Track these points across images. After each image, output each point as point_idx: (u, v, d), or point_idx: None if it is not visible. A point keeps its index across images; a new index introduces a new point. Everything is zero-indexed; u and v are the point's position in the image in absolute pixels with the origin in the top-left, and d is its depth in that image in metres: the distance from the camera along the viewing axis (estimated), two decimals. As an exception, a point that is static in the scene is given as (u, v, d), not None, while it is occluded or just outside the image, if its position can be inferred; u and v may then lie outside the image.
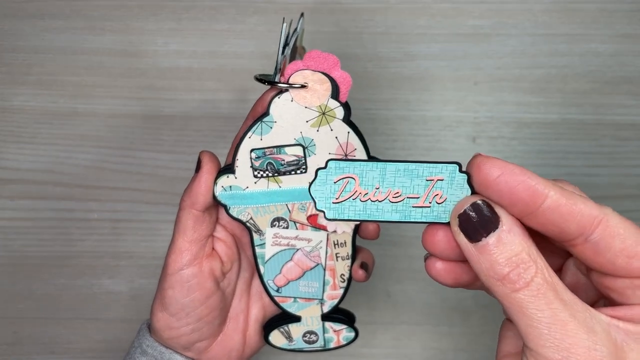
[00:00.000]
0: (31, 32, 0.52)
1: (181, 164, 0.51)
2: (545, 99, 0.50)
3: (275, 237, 0.34)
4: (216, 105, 0.51)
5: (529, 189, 0.20)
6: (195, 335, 0.34)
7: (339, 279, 0.35)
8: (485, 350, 0.49)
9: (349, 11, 0.51)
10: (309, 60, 0.30)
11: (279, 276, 0.35)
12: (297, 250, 0.34)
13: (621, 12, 0.51)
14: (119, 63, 0.52)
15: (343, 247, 0.34)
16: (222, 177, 0.32)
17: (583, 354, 0.19)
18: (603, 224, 0.20)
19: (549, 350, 0.19)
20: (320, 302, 0.36)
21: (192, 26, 0.52)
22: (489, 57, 0.51)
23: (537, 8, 0.51)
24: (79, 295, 0.50)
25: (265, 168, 0.32)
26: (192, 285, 0.33)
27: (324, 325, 0.36)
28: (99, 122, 0.51)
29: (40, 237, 0.51)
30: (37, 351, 0.50)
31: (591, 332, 0.19)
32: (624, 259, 0.20)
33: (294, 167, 0.32)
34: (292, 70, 0.30)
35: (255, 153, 0.31)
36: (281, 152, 0.31)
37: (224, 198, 0.32)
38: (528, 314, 0.19)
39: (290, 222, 0.33)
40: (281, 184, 0.32)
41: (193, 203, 0.32)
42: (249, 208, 0.33)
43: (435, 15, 0.51)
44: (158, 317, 0.34)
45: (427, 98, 0.50)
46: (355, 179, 0.24)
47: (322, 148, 0.31)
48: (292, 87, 0.30)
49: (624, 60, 0.50)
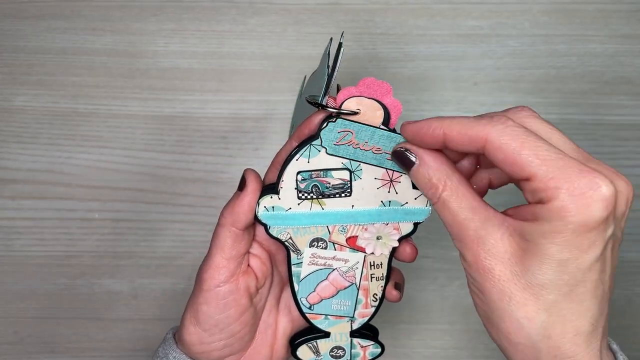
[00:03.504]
0: (32, 33, 0.52)
1: (182, 164, 0.51)
2: (545, 99, 0.50)
3: (312, 257, 0.34)
4: (217, 105, 0.51)
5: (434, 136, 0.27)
6: (226, 350, 0.34)
7: (372, 299, 0.35)
8: (486, 349, 0.49)
9: (349, 12, 0.52)
10: (362, 87, 0.31)
11: (313, 294, 0.35)
12: (333, 270, 0.34)
13: (620, 13, 0.51)
14: (119, 63, 0.52)
15: (379, 268, 0.34)
16: (266, 198, 0.32)
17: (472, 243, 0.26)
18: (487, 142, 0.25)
19: (456, 243, 0.27)
20: (350, 320, 0.36)
21: (192, 27, 0.52)
22: (489, 58, 0.51)
23: (536, 9, 0.51)
24: (79, 294, 0.51)
25: (310, 190, 0.32)
26: (229, 302, 0.33)
27: (352, 341, 0.37)
28: (100, 122, 0.51)
29: (41, 237, 0.51)
30: (38, 350, 0.50)
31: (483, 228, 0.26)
32: (507, 167, 0.25)
33: (339, 190, 0.32)
34: (344, 96, 0.30)
35: (301, 175, 0.32)
36: (327, 175, 0.32)
37: (265, 218, 0.32)
38: (443, 219, 0.28)
39: (329, 243, 0.33)
40: (324, 206, 0.32)
41: (234, 221, 0.32)
42: (289, 228, 0.33)
43: (435, 15, 0.51)
44: (190, 330, 0.34)
45: (427, 98, 0.51)
46: (352, 133, 0.31)
47: (368, 173, 0.32)
48: (343, 113, 0.30)
49: (623, 61, 0.51)
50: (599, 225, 0.24)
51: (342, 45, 0.31)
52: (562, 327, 0.25)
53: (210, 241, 0.33)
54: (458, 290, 0.50)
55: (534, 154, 0.24)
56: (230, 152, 0.51)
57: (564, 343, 0.26)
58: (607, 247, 0.25)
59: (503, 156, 0.25)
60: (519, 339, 0.26)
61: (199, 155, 0.51)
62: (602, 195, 0.23)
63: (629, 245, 0.49)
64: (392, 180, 0.32)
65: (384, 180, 0.32)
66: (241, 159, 0.51)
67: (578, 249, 0.24)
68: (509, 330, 0.26)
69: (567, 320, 0.25)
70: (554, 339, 0.26)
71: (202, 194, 0.51)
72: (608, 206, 0.24)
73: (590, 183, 0.23)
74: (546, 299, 0.25)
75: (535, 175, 0.24)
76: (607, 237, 0.24)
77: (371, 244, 0.33)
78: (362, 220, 0.33)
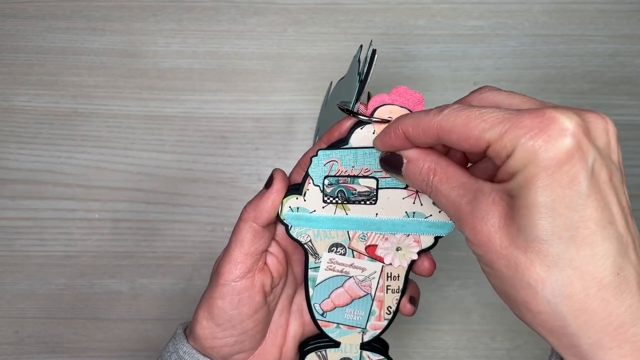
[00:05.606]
0: (32, 33, 0.52)
1: (182, 164, 0.51)
2: (545, 99, 0.50)
3: (330, 262, 0.34)
4: (217, 105, 0.51)
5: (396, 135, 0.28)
6: (237, 347, 0.34)
7: (385, 311, 0.35)
8: (486, 349, 0.49)
9: (349, 12, 0.52)
10: (395, 95, 0.31)
11: (327, 300, 0.35)
12: (349, 278, 0.34)
13: (620, 13, 0.51)
14: (119, 63, 0.52)
15: (395, 280, 0.34)
16: (291, 198, 0.32)
17: (468, 217, 0.26)
18: (439, 129, 0.26)
19: (457, 225, 0.27)
20: (362, 331, 0.36)
21: (192, 27, 0.52)
22: (489, 58, 0.51)
23: (536, 9, 0.51)
24: (79, 294, 0.51)
25: (335, 195, 0.32)
26: (243, 298, 0.33)
27: (362, 354, 0.36)
28: (100, 122, 0.51)
29: (41, 237, 0.51)
30: (38, 350, 0.50)
31: (475, 199, 0.26)
32: (464, 144, 0.25)
33: (364, 197, 0.32)
34: (376, 103, 0.31)
35: (328, 180, 0.32)
36: (354, 182, 0.32)
37: (289, 218, 0.33)
38: (440, 205, 0.28)
39: (348, 250, 0.33)
40: (348, 212, 0.32)
41: (256, 217, 0.32)
42: (310, 230, 0.33)
43: (435, 15, 0.51)
44: (203, 324, 0.34)
45: (427, 98, 0.51)
46: (337, 162, 0.31)
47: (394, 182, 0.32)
48: (374, 121, 0.30)
49: (623, 61, 0.51)
50: (572, 156, 0.23)
51: (376, 53, 0.31)
52: (582, 282, 0.23)
53: (230, 236, 0.33)
54: (458, 290, 0.50)
55: (481, 121, 0.24)
56: (230, 152, 0.51)
57: (590, 303, 0.23)
58: (597, 178, 0.23)
59: (456, 136, 0.25)
60: (538, 307, 0.24)
61: (199, 155, 0.51)
62: (561, 125, 0.23)
63: (629, 245, 0.49)
64: (417, 192, 0.32)
65: (410, 191, 0.32)
66: (241, 159, 0.51)
67: (560, 186, 0.23)
68: (526, 300, 0.24)
69: (584, 273, 0.23)
70: (575, 299, 0.23)
71: (202, 194, 0.51)
72: (574, 135, 0.23)
73: (545, 120, 0.23)
74: (550, 252, 0.23)
75: (491, 138, 0.24)
76: (588, 167, 0.23)
77: (390, 254, 0.33)
78: (385, 229, 0.33)
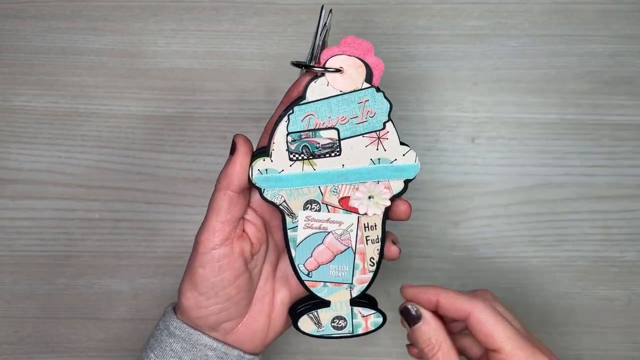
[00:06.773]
0: (32, 33, 0.52)
1: (182, 164, 0.51)
2: (544, 100, 0.50)
3: (307, 220, 0.34)
4: (217, 105, 0.51)
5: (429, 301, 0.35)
6: (223, 315, 0.35)
7: (369, 263, 0.36)
8: (485, 350, 0.49)
9: (349, 12, 0.52)
10: (344, 46, 0.31)
11: (310, 259, 0.35)
12: (328, 234, 0.35)
13: (620, 13, 0.51)
14: (120, 63, 0.52)
15: (373, 230, 0.35)
16: (259, 161, 0.33)
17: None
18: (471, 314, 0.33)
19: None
20: (349, 287, 0.36)
21: (192, 27, 0.52)
22: (488, 58, 0.51)
23: (536, 9, 0.51)
24: (80, 294, 0.51)
25: (300, 151, 0.33)
26: (223, 264, 0.34)
27: (353, 310, 0.37)
28: (100, 122, 0.51)
29: (41, 237, 0.51)
30: (38, 350, 0.50)
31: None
32: (482, 336, 0.33)
33: (328, 150, 0.33)
34: (327, 55, 0.32)
35: (291, 137, 0.32)
36: (316, 136, 0.32)
37: (259, 181, 0.33)
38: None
39: (322, 205, 0.34)
40: (315, 167, 0.33)
41: (229, 184, 0.33)
42: (282, 191, 0.33)
43: (435, 15, 0.51)
44: (187, 295, 0.35)
45: (427, 98, 0.51)
46: (314, 115, 0.32)
47: None
48: (328, 72, 0.31)
49: (623, 61, 0.51)
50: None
51: (324, 8, 0.32)
52: None
53: (207, 206, 0.34)
54: (458, 290, 0.50)
55: (503, 332, 0.32)
56: (230, 152, 0.51)
57: None
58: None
59: (481, 328, 0.33)
60: None
61: (199, 155, 0.51)
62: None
63: (629, 245, 0.49)
64: (379, 138, 0.32)
65: (372, 138, 0.32)
66: (241, 159, 0.51)
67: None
68: None
69: None
70: None
71: (202, 194, 0.51)
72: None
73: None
74: None
75: (503, 349, 0.32)
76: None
77: (364, 203, 0.34)
78: (353, 179, 0.33)
